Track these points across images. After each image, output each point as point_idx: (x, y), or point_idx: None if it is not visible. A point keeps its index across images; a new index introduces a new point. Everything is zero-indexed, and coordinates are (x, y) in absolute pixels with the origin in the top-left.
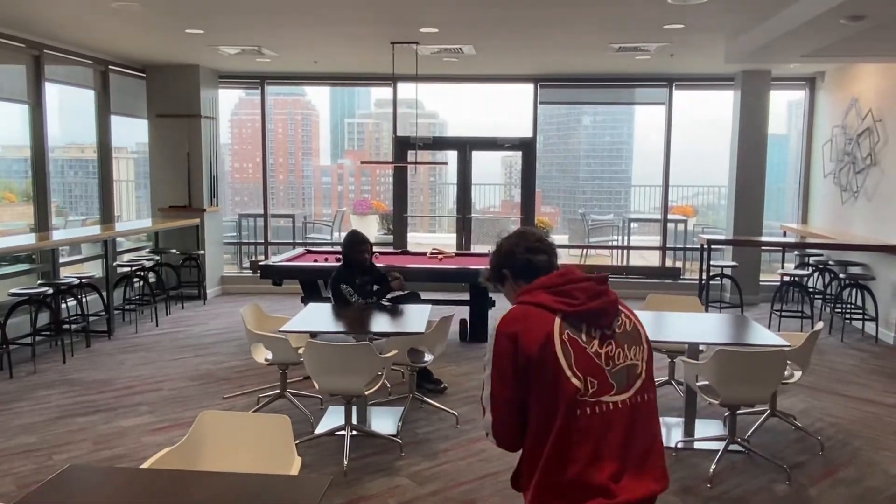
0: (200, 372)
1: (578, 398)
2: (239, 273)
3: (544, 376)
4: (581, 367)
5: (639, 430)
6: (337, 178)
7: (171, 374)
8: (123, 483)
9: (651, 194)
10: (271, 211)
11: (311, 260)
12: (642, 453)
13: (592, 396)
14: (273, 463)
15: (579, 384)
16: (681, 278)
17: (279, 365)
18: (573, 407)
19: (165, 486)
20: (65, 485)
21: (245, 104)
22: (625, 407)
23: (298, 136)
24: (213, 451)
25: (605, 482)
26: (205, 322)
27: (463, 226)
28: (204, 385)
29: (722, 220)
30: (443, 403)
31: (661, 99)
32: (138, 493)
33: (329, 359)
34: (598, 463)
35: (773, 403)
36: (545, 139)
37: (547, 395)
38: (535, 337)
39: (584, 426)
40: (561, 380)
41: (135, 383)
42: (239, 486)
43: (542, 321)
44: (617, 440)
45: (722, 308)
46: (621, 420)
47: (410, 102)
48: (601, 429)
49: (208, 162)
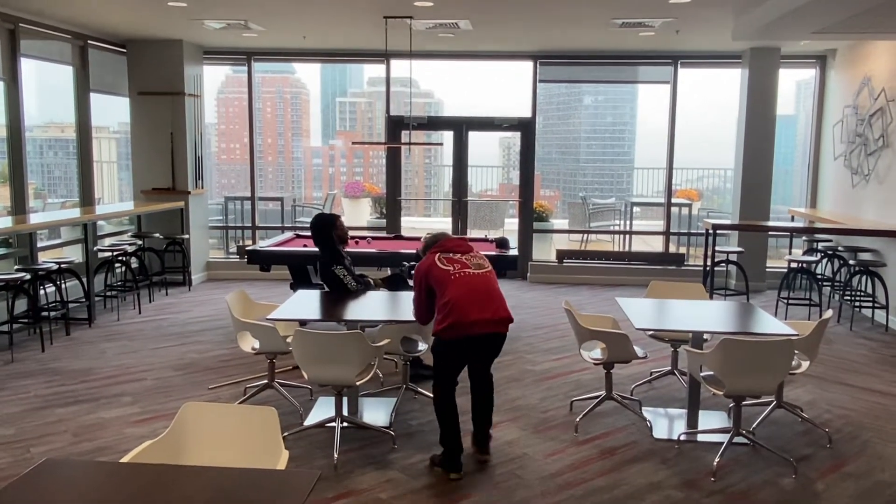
0: (185, 361)
1: (450, 275)
2: (225, 258)
3: (433, 279)
4: (451, 263)
5: (488, 285)
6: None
7: (154, 363)
8: (103, 478)
9: (654, 177)
10: (259, 194)
11: (300, 245)
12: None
13: (457, 273)
14: (260, 456)
15: (450, 268)
16: (685, 264)
17: (267, 354)
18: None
19: (146, 480)
20: (41, 479)
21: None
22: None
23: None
24: (197, 444)
25: (474, 317)
26: (189, 309)
27: (459, 210)
28: (188, 375)
29: (728, 205)
30: None
31: (665, 77)
32: (118, 489)
33: (319, 348)
34: (468, 307)
35: (780, 394)
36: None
37: (438, 285)
38: (423, 266)
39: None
40: (443, 275)
41: (116, 373)
42: (224, 481)
43: (427, 261)
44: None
45: (727, 295)
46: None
47: (404, 81)
48: (468, 285)
49: (193, 142)
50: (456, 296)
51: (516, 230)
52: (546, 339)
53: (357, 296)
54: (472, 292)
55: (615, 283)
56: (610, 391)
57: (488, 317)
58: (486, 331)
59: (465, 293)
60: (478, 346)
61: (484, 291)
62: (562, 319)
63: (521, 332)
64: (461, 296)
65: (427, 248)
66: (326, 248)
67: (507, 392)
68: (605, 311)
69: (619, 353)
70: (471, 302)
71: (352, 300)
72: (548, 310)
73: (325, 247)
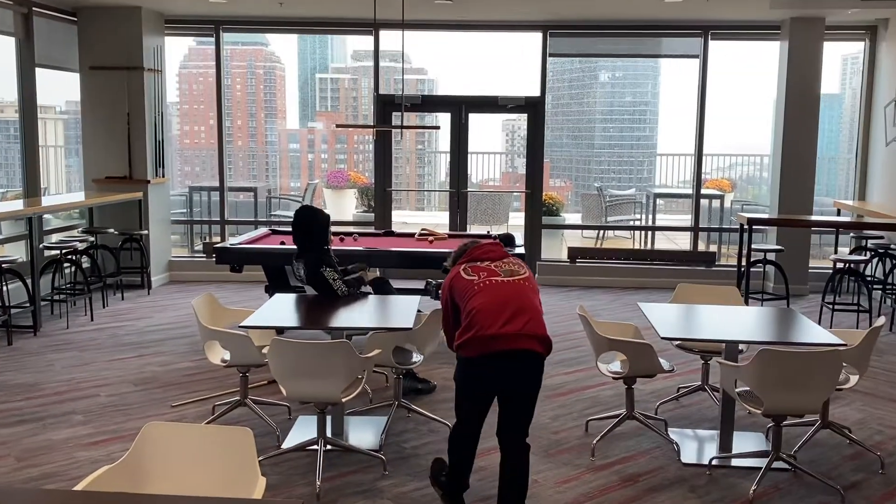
0: (144, 375)
1: (474, 284)
2: (190, 257)
3: (457, 293)
4: (476, 272)
5: (519, 294)
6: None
7: (109, 377)
8: None
9: (680, 165)
10: (228, 183)
11: (276, 242)
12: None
13: (483, 281)
14: (232, 484)
15: (474, 278)
16: (716, 265)
17: (239, 367)
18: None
19: None
20: None
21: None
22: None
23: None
24: (160, 470)
25: (496, 330)
26: (149, 316)
27: (457, 202)
28: (149, 391)
29: (764, 196)
30: (433, 412)
31: (693, 51)
32: None
33: (299, 359)
34: (492, 319)
35: (825, 413)
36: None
37: (462, 298)
38: (447, 280)
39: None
40: (466, 286)
41: (66, 388)
42: None
43: (452, 273)
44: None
45: (765, 300)
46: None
47: (395, 55)
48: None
49: (153, 124)
50: (478, 306)
51: (522, 225)
52: (557, 350)
53: (344, 300)
54: (498, 302)
55: (636, 285)
56: (631, 409)
57: (514, 330)
58: (511, 347)
59: (489, 302)
60: (504, 368)
61: (513, 301)
62: (575, 327)
63: None
64: (484, 306)
65: (454, 261)
66: (315, 247)
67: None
68: (626, 318)
69: (642, 365)
70: (495, 312)
71: (337, 305)
72: (559, 316)
73: (313, 245)
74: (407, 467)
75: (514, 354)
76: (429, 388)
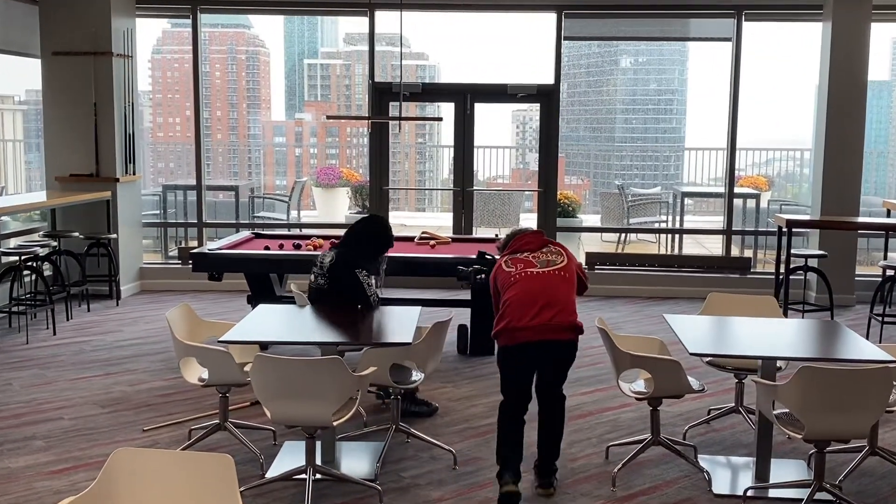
0: (113, 396)
1: (511, 276)
2: (164, 264)
3: (500, 285)
4: (515, 263)
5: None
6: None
7: (73, 398)
8: None
9: (711, 160)
10: (207, 181)
11: (260, 247)
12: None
13: (518, 273)
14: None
15: (512, 269)
16: (751, 272)
17: (218, 387)
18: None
19: None
20: None
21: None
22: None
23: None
24: (129, 502)
25: (525, 322)
26: (118, 329)
27: (462, 203)
28: (117, 413)
29: (805, 195)
30: (436, 437)
31: (726, 33)
32: None
33: (285, 378)
34: (521, 311)
35: (874, 438)
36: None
37: (503, 290)
38: (493, 273)
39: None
40: (505, 279)
41: (25, 411)
42: None
43: (496, 265)
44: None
45: (806, 311)
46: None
47: (392, 38)
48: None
49: (122, 115)
50: (510, 298)
51: (535, 228)
52: (574, 368)
53: (335, 311)
54: (529, 295)
55: (662, 295)
56: (657, 434)
57: (541, 322)
58: (538, 338)
59: (520, 295)
60: (534, 355)
61: (543, 294)
62: (594, 342)
63: None
64: (515, 299)
65: (501, 251)
66: (362, 256)
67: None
68: (650, 332)
69: (669, 385)
70: (525, 305)
71: (328, 316)
72: None
73: (362, 252)
74: (405, 499)
75: (541, 345)
76: (429, 410)
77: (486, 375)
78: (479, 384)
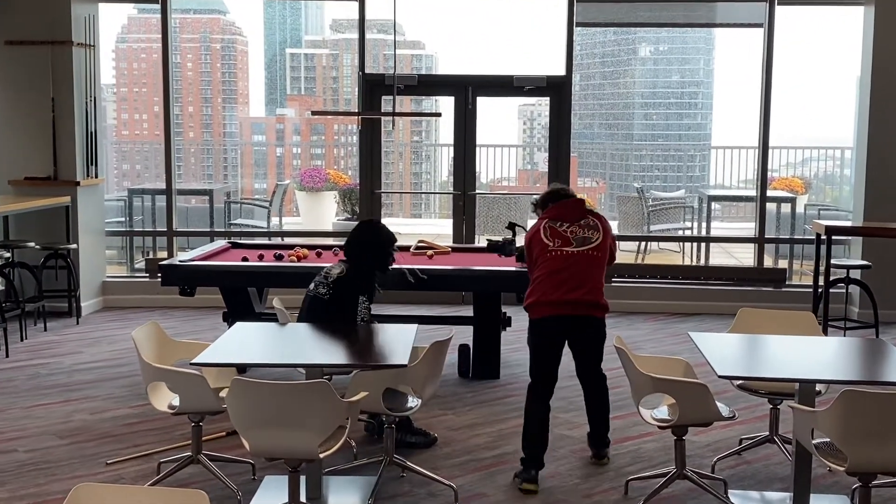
0: (72, 425)
1: (547, 251)
2: (129, 277)
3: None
4: (553, 237)
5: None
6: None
7: (28, 427)
8: None
9: (741, 160)
10: (178, 185)
11: (237, 258)
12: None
13: (554, 250)
14: None
15: (550, 243)
16: (786, 285)
17: (191, 415)
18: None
19: None
20: None
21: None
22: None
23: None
24: None
25: (554, 298)
26: (79, 350)
27: (462, 208)
28: (77, 445)
29: (846, 199)
30: (435, 471)
31: (756, 19)
32: None
33: (266, 405)
34: (551, 288)
35: None
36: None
37: (537, 257)
38: (530, 232)
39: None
40: (541, 250)
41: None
42: None
43: (535, 226)
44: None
45: (848, 329)
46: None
47: (385, 25)
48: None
49: (83, 112)
50: (542, 275)
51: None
52: None
53: (322, 330)
54: (560, 273)
55: (687, 310)
56: (682, 466)
57: (570, 299)
58: (567, 313)
59: (553, 272)
60: (562, 329)
61: (576, 275)
62: (612, 363)
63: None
64: (547, 276)
65: (538, 207)
66: (366, 265)
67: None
68: (674, 352)
69: (695, 411)
70: (557, 283)
71: (313, 336)
72: None
73: (365, 267)
74: None
75: (569, 320)
76: (427, 441)
77: (491, 401)
78: (483, 411)
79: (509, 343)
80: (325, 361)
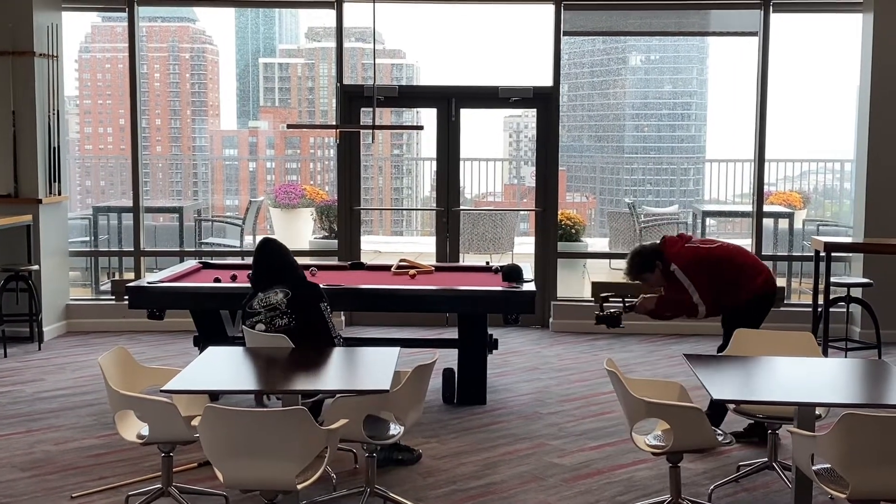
0: (34, 457)
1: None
2: (95, 300)
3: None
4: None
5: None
6: (248, 151)
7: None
8: None
9: (736, 174)
10: (145, 202)
11: (209, 279)
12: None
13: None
14: None
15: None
16: (784, 304)
17: (161, 445)
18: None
19: None
20: None
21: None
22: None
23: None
24: None
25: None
26: (41, 378)
27: (446, 225)
28: (40, 478)
29: (846, 214)
30: (418, 501)
31: (751, 27)
32: None
33: (240, 433)
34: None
35: None
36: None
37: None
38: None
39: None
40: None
41: None
42: None
43: (687, 254)
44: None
45: (849, 349)
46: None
47: (364, 33)
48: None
49: (46, 126)
50: (745, 259)
51: (532, 254)
52: (579, 418)
53: (299, 354)
54: (747, 254)
55: (681, 331)
56: (678, 495)
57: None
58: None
59: (745, 254)
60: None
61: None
62: (603, 387)
63: (542, 407)
64: (746, 256)
65: (658, 259)
66: (298, 277)
67: (523, 497)
68: (668, 375)
69: (691, 437)
70: (755, 262)
71: (289, 360)
72: (581, 373)
73: (297, 275)
74: None
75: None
76: (412, 458)
77: (477, 429)
78: (469, 438)
79: (496, 367)
80: (302, 388)
